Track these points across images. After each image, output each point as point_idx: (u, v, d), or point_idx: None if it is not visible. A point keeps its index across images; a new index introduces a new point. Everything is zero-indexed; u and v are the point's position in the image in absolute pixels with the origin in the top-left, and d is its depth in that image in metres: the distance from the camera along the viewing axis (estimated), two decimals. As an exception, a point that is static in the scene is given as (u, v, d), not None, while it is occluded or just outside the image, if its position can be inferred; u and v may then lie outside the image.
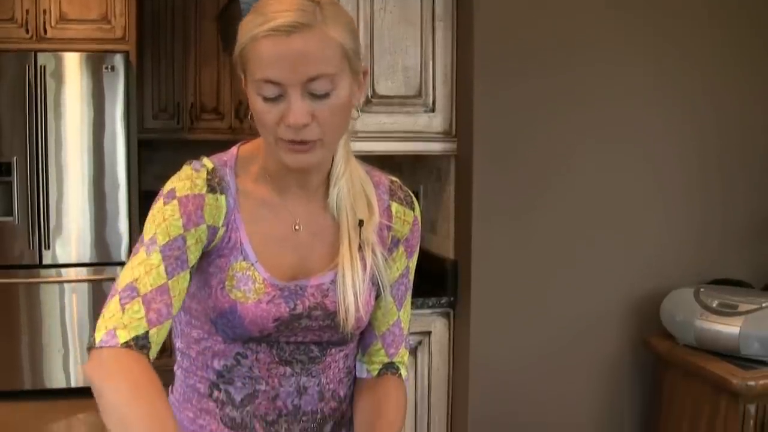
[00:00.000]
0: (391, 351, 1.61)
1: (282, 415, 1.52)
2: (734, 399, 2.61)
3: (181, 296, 1.38)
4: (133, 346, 1.30)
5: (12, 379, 5.20)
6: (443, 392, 3.07)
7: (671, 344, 2.88)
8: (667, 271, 3.04)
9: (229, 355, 1.48)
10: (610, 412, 3.09)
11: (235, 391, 1.50)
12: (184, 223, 1.39)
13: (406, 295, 1.62)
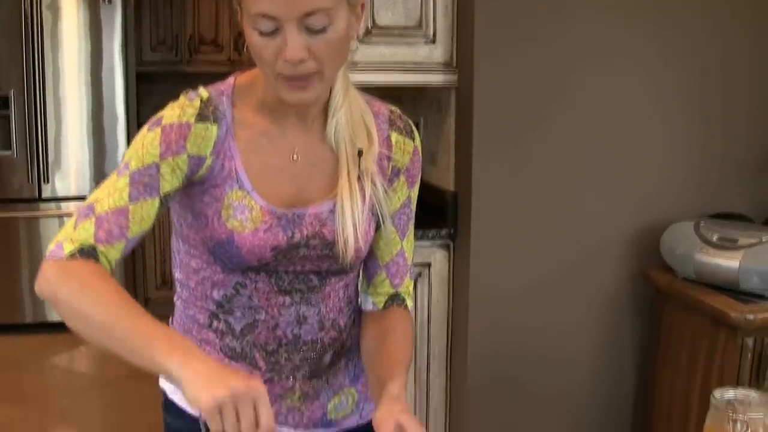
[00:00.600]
0: (396, 281, 1.61)
1: (282, 345, 1.53)
2: (733, 332, 2.61)
3: (143, 221, 1.38)
4: (78, 256, 1.31)
5: (13, 313, 5.23)
6: (443, 324, 3.08)
7: (671, 277, 2.88)
8: (668, 204, 3.03)
9: (228, 285, 1.48)
10: (609, 344, 3.10)
11: (234, 321, 1.51)
12: (161, 151, 1.39)
13: (409, 225, 1.62)
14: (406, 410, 1.37)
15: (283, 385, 1.56)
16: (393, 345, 1.53)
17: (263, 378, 1.54)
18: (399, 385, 1.42)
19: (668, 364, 2.93)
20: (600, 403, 3.14)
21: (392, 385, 1.42)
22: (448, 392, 3.14)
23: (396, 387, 1.41)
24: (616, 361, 3.12)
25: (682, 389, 2.85)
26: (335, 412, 1.64)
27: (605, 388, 3.13)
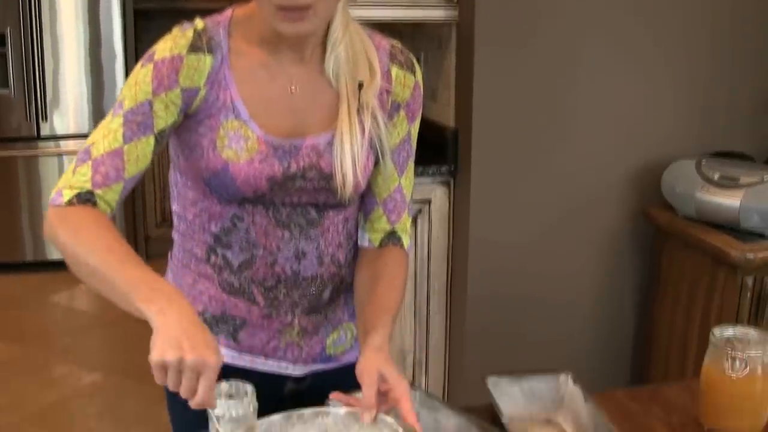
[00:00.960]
0: (393, 218, 1.60)
1: (281, 281, 1.53)
2: (732, 271, 2.61)
3: (139, 161, 1.39)
4: (75, 202, 1.34)
5: (14, 251, 5.24)
6: (443, 261, 3.08)
7: (671, 216, 2.87)
8: (669, 143, 3.01)
9: (226, 218, 1.48)
10: (609, 283, 3.10)
11: (232, 255, 1.51)
12: (154, 87, 1.38)
13: (408, 162, 1.61)
14: (388, 361, 1.37)
15: (282, 320, 1.56)
16: (382, 292, 1.52)
17: (262, 314, 1.55)
18: (382, 335, 1.42)
19: (668, 302, 2.93)
20: (599, 341, 3.15)
21: (375, 336, 1.42)
22: (448, 330, 3.15)
23: (379, 338, 1.41)
24: (615, 299, 3.13)
25: (681, 328, 2.86)
26: (334, 347, 1.64)
27: (605, 326, 3.14)
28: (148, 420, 3.60)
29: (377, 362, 1.36)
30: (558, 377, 1.64)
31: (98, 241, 1.30)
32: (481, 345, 3.03)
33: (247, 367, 1.58)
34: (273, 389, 1.60)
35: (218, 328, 1.57)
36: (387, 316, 1.48)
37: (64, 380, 4.00)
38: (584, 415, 1.55)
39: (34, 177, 5.17)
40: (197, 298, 1.56)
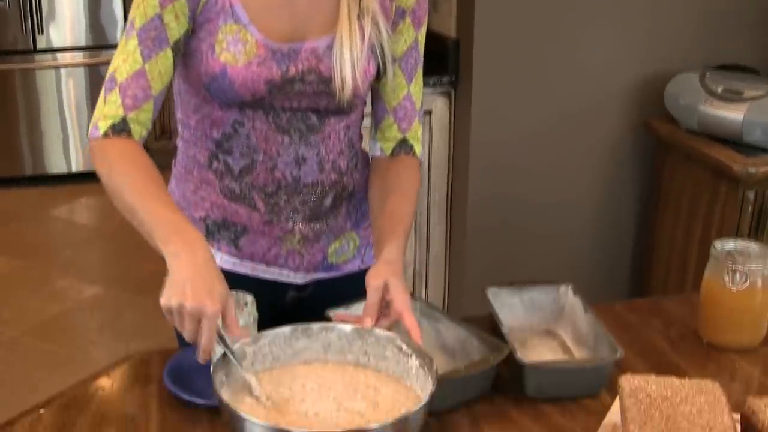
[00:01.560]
0: (404, 125, 1.59)
1: (281, 187, 1.53)
2: (734, 185, 2.60)
3: (163, 75, 1.41)
4: (110, 134, 1.38)
5: (13, 166, 5.22)
6: (443, 171, 3.07)
7: (673, 128, 2.85)
8: (673, 55, 2.97)
9: (227, 123, 1.48)
10: (608, 194, 3.09)
11: (233, 161, 1.51)
12: (160, 1, 1.39)
13: (417, 69, 1.59)
14: (397, 273, 1.39)
15: (283, 227, 1.57)
16: (394, 205, 1.52)
17: (262, 220, 1.55)
18: (397, 247, 1.43)
19: (668, 215, 2.93)
20: (598, 252, 3.16)
21: (389, 249, 1.43)
22: (448, 240, 3.16)
23: (392, 251, 1.42)
24: (615, 210, 3.12)
25: (681, 240, 2.86)
26: (336, 256, 1.64)
27: (604, 236, 3.15)
28: (148, 332, 3.63)
29: (385, 273, 1.37)
30: (558, 288, 1.64)
31: (129, 180, 1.34)
32: (481, 256, 3.04)
33: (249, 275, 1.60)
34: (275, 297, 1.62)
35: (219, 234, 1.58)
36: (400, 228, 1.48)
37: (65, 293, 4.02)
38: (583, 326, 1.55)
39: (32, 90, 5.12)
40: (199, 204, 1.57)
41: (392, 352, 1.32)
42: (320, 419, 1.20)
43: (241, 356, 1.28)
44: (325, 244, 1.62)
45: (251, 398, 1.24)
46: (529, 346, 1.58)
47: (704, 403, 1.25)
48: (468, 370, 1.38)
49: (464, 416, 1.38)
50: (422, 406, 1.15)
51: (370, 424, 1.16)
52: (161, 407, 1.38)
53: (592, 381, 1.43)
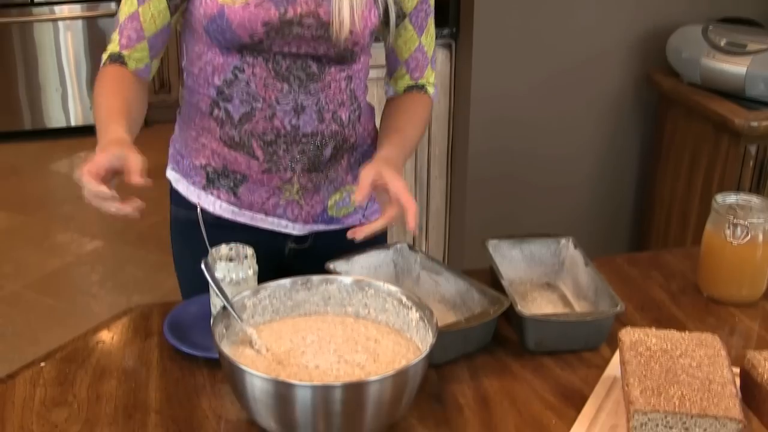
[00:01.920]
0: (416, 75, 1.64)
1: (280, 136, 1.53)
2: (736, 139, 2.59)
3: (155, 18, 1.48)
4: (108, 63, 1.50)
5: (11, 120, 5.20)
6: (444, 125, 3.06)
7: (675, 82, 2.83)
8: (675, 7, 2.94)
9: (227, 70, 1.50)
10: (609, 147, 3.08)
11: (233, 108, 1.52)
12: None
13: (427, 21, 1.62)
14: (390, 165, 1.42)
15: (281, 177, 1.57)
16: (401, 123, 1.58)
17: (261, 169, 1.55)
18: (394, 148, 1.50)
19: (669, 169, 2.92)
20: (599, 205, 3.16)
21: (385, 149, 1.49)
22: (448, 193, 3.15)
23: (390, 150, 1.49)
24: (616, 164, 3.12)
25: (682, 194, 2.86)
26: (336, 209, 1.64)
27: (605, 190, 3.14)
28: (149, 286, 3.64)
29: (378, 165, 1.42)
30: (558, 241, 1.63)
31: (101, 98, 1.45)
32: (481, 209, 3.03)
33: (248, 224, 1.60)
34: (274, 248, 1.62)
35: (219, 182, 1.59)
36: (399, 138, 1.54)
37: (65, 248, 4.03)
38: (584, 279, 1.55)
39: (30, 44, 5.08)
40: (200, 152, 1.58)
41: (392, 304, 1.32)
42: (320, 371, 1.20)
43: (240, 309, 1.28)
44: (324, 196, 1.62)
45: (251, 351, 1.24)
46: (529, 299, 1.59)
47: (704, 356, 1.25)
48: (468, 322, 1.38)
49: (464, 369, 1.38)
50: (422, 359, 1.15)
51: (371, 376, 1.17)
52: (162, 360, 1.39)
53: (593, 334, 1.44)
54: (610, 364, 1.38)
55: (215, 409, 1.27)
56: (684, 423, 1.15)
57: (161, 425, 1.23)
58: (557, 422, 1.25)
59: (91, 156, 1.29)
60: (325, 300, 1.35)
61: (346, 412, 1.12)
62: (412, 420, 1.25)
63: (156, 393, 1.31)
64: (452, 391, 1.32)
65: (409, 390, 1.16)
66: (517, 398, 1.31)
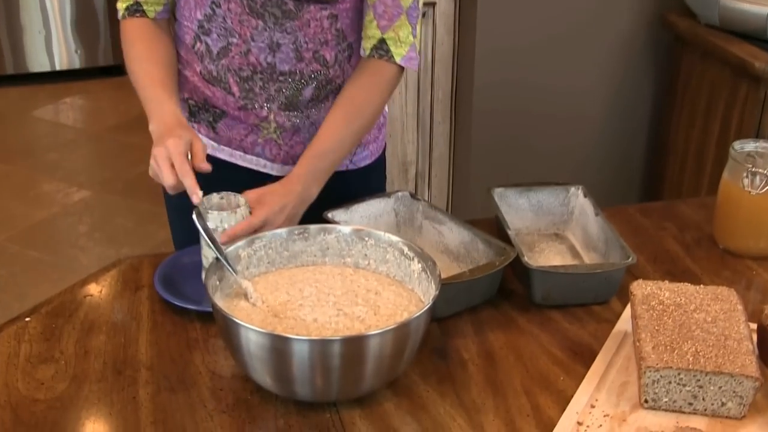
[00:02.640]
0: (383, 23, 1.51)
1: (256, 72, 1.56)
2: (755, 83, 2.57)
3: None
4: (127, 16, 1.56)
5: (-7, 63, 5.18)
6: (447, 68, 3.03)
7: (692, 23, 2.80)
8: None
9: (206, 5, 1.52)
10: (622, 93, 3.06)
11: (212, 42, 1.55)
12: None
13: None
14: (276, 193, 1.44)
15: (258, 114, 1.60)
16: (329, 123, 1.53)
17: (237, 105, 1.59)
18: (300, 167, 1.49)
19: (684, 115, 2.91)
20: (610, 153, 3.15)
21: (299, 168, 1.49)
22: (452, 139, 3.14)
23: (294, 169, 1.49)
24: (628, 110, 3.10)
25: (697, 141, 2.85)
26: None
27: (616, 137, 3.13)
28: (139, 237, 3.64)
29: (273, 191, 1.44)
30: (568, 190, 1.63)
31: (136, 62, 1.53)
32: (486, 156, 3.02)
33: (228, 160, 1.66)
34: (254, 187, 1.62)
35: (199, 116, 1.65)
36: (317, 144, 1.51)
37: (51, 198, 4.02)
38: (594, 230, 1.55)
39: (11, -16, 5.05)
40: (184, 85, 1.64)
41: (393, 255, 1.32)
42: (318, 325, 1.20)
43: (234, 260, 1.28)
44: (305, 137, 1.62)
45: (246, 303, 1.25)
46: (536, 250, 1.58)
47: (719, 311, 1.25)
48: (472, 274, 1.38)
49: (468, 322, 1.38)
50: (425, 312, 1.15)
51: (371, 329, 1.17)
52: (152, 314, 1.39)
53: (602, 287, 1.43)
54: (621, 318, 1.38)
55: (208, 364, 1.27)
56: (698, 380, 1.15)
57: (152, 382, 1.24)
58: (565, 378, 1.26)
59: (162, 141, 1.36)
60: (323, 250, 1.35)
61: (345, 367, 1.12)
62: (414, 376, 1.25)
63: (146, 348, 1.31)
64: (456, 346, 1.33)
65: (411, 344, 1.17)
66: (523, 353, 1.31)
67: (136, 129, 4.42)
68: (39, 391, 1.22)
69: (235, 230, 1.34)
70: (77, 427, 1.16)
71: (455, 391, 1.23)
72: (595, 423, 1.15)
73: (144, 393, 1.21)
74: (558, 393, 1.22)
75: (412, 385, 1.24)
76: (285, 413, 1.18)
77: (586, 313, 1.41)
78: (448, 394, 1.22)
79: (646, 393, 1.17)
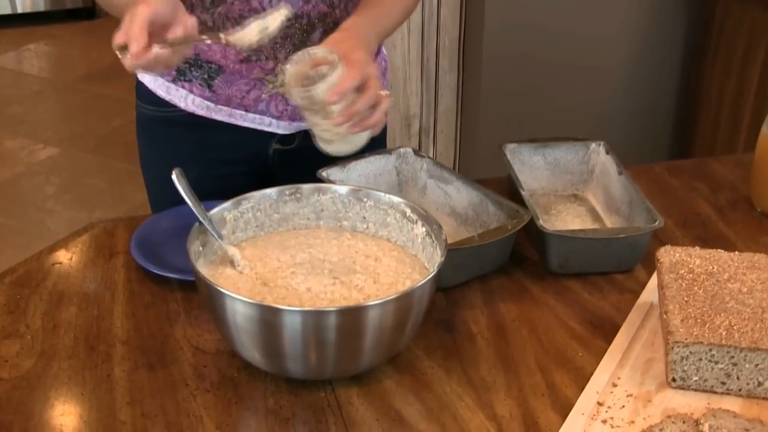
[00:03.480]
0: None
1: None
2: (797, 27, 2.57)
3: None
4: None
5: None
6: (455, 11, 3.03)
7: (729, -40, 2.80)
8: None
9: None
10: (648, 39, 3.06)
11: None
12: None
13: None
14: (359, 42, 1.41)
15: (263, 66, 1.57)
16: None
17: (240, 57, 1.56)
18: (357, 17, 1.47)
19: (719, 63, 2.90)
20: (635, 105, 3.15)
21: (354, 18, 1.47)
22: (460, 90, 3.13)
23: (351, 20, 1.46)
24: (656, 58, 3.09)
25: (733, 92, 2.84)
26: (328, 102, 1.64)
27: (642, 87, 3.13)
28: (113, 199, 3.65)
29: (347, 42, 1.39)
30: (588, 146, 1.63)
31: None
32: (497, 109, 3.02)
33: (226, 122, 1.62)
34: (257, 149, 1.63)
35: (191, 74, 1.60)
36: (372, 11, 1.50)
37: (15, 155, 4.02)
38: (617, 190, 1.55)
39: None
40: None
41: (395, 218, 1.33)
42: (312, 294, 1.21)
43: (219, 223, 1.28)
44: None
45: (232, 271, 1.25)
46: (552, 213, 1.59)
47: (756, 280, 1.25)
48: (482, 238, 1.38)
49: (477, 292, 1.39)
50: (429, 280, 1.16)
51: (370, 299, 1.17)
52: (129, 283, 1.39)
53: (626, 254, 1.44)
54: (646, 288, 1.39)
55: (191, 338, 1.28)
56: (732, 357, 1.15)
57: (128, 358, 1.24)
58: (584, 354, 1.26)
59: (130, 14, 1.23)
60: (317, 213, 1.36)
61: (341, 341, 1.12)
62: (418, 351, 1.26)
63: (122, 321, 1.31)
64: (464, 318, 1.33)
65: (414, 316, 1.17)
66: (537, 326, 1.32)
67: (109, 79, 4.42)
68: (2, 369, 1.22)
69: (344, 86, 1.32)
70: (45, 408, 1.17)
71: (462, 368, 1.23)
72: (617, 403, 1.16)
73: (119, 371, 1.22)
74: (576, 370, 1.23)
75: (416, 360, 1.24)
76: (275, 392, 1.18)
77: (607, 282, 1.42)
78: (454, 371, 1.23)
79: (674, 371, 1.17)
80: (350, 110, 1.32)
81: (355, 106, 1.32)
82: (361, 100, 1.32)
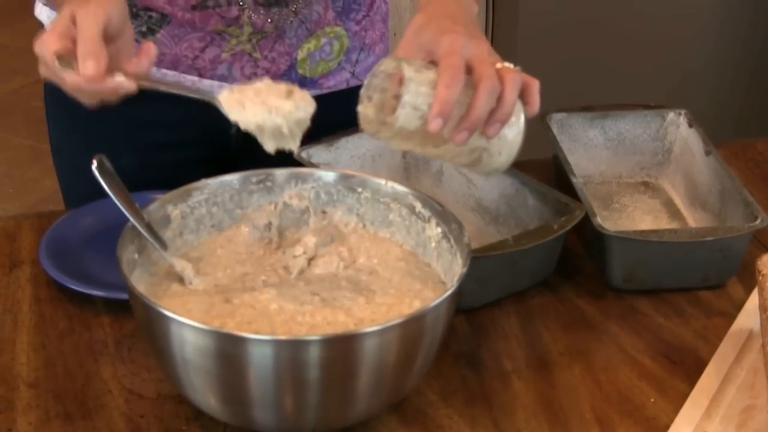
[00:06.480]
0: None
1: None
2: None
3: None
4: None
5: None
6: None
7: None
8: None
9: None
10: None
11: None
12: None
13: None
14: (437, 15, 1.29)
15: (223, 14, 1.58)
16: None
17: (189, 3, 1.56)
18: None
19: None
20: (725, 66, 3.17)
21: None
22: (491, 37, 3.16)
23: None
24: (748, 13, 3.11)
25: None
26: (310, 64, 1.65)
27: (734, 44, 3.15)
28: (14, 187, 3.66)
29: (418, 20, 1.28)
30: (664, 116, 1.63)
31: None
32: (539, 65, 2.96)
33: (172, 92, 1.59)
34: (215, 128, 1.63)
35: None
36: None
37: None
38: (703, 176, 1.56)
39: None
40: None
41: (400, 214, 1.34)
42: (286, 318, 1.20)
43: (161, 223, 1.28)
44: (292, 44, 1.63)
45: (180, 287, 1.25)
46: (615, 208, 1.60)
47: None
48: (518, 242, 1.39)
49: (512, 315, 1.41)
50: (446, 299, 1.16)
51: (365, 325, 1.18)
52: (37, 303, 1.40)
53: (716, 263, 1.45)
54: (743, 310, 1.40)
55: (122, 379, 1.29)
56: None
57: (37, 405, 1.25)
58: (657, 400, 1.27)
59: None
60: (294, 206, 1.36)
61: (327, 381, 1.12)
62: (431, 395, 1.27)
63: (28, 355, 1.32)
64: (494, 350, 1.35)
65: (426, 348, 1.18)
66: (594, 362, 1.33)
67: (2, 24, 4.43)
68: None
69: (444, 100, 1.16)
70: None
71: (492, 418, 1.24)
72: (703, 466, 1.17)
73: (24, 422, 1.22)
74: (647, 422, 1.24)
75: (428, 408, 1.25)
76: (238, 452, 1.20)
77: (689, 302, 1.43)
78: (481, 422, 1.24)
79: (781, 422, 1.18)
80: (469, 118, 1.18)
81: (473, 109, 1.18)
82: (478, 96, 1.18)
